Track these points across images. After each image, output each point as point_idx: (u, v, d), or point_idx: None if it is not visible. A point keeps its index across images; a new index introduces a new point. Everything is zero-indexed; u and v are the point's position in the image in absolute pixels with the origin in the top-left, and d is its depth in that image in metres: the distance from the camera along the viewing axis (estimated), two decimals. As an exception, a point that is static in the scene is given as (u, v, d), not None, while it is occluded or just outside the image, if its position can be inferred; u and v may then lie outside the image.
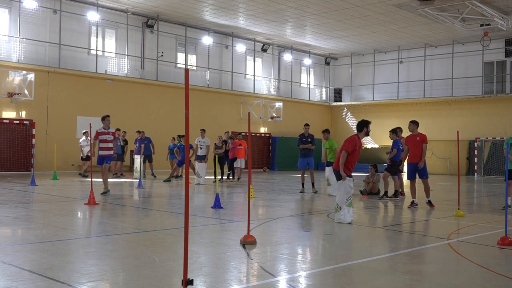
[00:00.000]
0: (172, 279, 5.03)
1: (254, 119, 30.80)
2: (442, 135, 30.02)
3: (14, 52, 22.05)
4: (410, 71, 33.31)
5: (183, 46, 28.06)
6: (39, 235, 7.28)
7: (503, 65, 30.06)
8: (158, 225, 8.65)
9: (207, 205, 11.18)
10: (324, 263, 6.00)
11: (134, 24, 26.07)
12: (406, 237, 8.08)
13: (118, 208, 11.10)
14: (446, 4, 22.75)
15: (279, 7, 24.26)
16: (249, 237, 6.82)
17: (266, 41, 31.80)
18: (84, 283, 4.80)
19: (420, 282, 5.18)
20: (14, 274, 5.06)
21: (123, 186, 16.59)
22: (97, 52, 24.62)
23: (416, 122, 12.12)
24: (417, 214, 10.75)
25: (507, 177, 8.76)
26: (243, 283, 5.03)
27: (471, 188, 19.93)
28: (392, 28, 27.89)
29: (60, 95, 23.18)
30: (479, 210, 12.22)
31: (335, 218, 9.01)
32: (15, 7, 22.17)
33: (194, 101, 27.07)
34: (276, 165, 31.75)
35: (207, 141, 18.15)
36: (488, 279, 5.37)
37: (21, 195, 12.95)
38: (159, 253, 6.16)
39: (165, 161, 22.18)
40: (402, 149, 14.00)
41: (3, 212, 9.51)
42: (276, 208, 11.23)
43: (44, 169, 22.04)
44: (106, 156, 13.07)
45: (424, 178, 11.81)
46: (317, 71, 36.43)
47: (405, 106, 32.82)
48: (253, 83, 31.66)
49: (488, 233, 8.29)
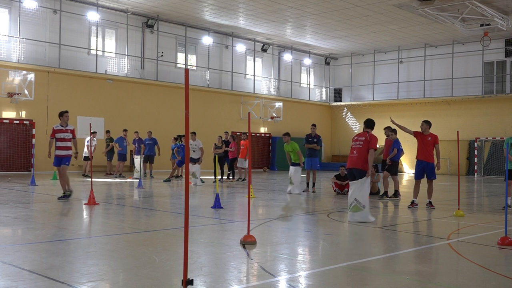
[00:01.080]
0: (172, 279, 5.03)
1: (254, 119, 30.80)
2: (442, 135, 29.77)
3: (14, 52, 22.05)
4: (410, 71, 33.31)
5: (183, 46, 28.06)
6: (39, 235, 7.28)
7: (503, 65, 30.05)
8: (158, 225, 8.65)
9: (207, 205, 11.18)
10: (324, 263, 6.00)
11: (134, 24, 26.07)
12: (406, 237, 8.08)
13: (118, 208, 11.10)
14: (446, 4, 22.75)
15: (279, 7, 24.26)
16: (249, 237, 6.82)
17: (266, 41, 31.80)
18: (84, 283, 4.80)
19: (420, 282, 5.18)
20: (14, 274, 5.06)
21: (123, 186, 16.59)
22: (97, 52, 24.62)
23: (429, 122, 12.05)
24: (417, 214, 10.75)
25: (507, 177, 8.76)
26: (243, 283, 5.02)
27: (471, 188, 19.93)
28: (392, 28, 27.89)
29: (60, 95, 23.18)
30: (479, 210, 12.22)
31: (359, 218, 8.97)
32: (15, 7, 22.17)
33: (194, 101, 27.08)
34: (276, 165, 31.75)
35: (199, 143, 17.80)
36: (488, 279, 5.37)
37: (21, 195, 12.94)
38: (159, 253, 6.16)
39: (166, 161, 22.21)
40: (402, 149, 14.03)
41: (3, 212, 9.51)
42: (276, 208, 11.23)
43: (44, 169, 22.03)
44: (63, 156, 11.81)
45: (432, 179, 11.80)
46: (317, 71, 36.43)
47: (405, 106, 32.83)
48: (253, 83, 31.66)
49: (488, 233, 8.29)
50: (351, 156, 9.36)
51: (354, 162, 9.25)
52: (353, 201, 9.10)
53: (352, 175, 9.26)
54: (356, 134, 9.72)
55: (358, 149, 9.29)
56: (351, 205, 9.15)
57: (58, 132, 11.75)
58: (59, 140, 11.77)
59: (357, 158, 9.21)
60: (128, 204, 11.91)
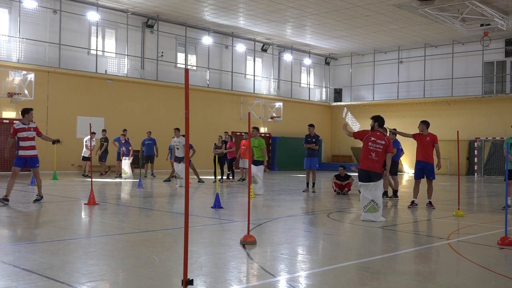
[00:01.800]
0: (172, 279, 5.03)
1: (254, 119, 30.80)
2: (442, 135, 29.86)
3: (14, 52, 22.04)
4: (410, 71, 33.31)
5: (183, 46, 28.06)
6: (39, 235, 7.28)
7: (503, 65, 30.05)
8: (158, 225, 8.65)
9: (207, 205, 11.17)
10: (324, 263, 5.99)
11: (134, 24, 26.07)
12: (406, 237, 8.08)
13: (118, 208, 11.10)
14: (446, 4, 22.75)
15: (279, 7, 24.26)
16: (249, 237, 6.82)
17: (266, 41, 31.80)
18: (84, 283, 4.80)
19: (420, 282, 5.18)
20: (14, 274, 5.06)
21: (123, 186, 16.59)
22: (97, 52, 24.62)
23: (426, 122, 12.06)
24: (417, 214, 10.75)
25: (507, 177, 8.75)
26: (243, 283, 5.02)
27: (471, 188, 19.93)
28: (392, 28, 27.89)
29: (60, 95, 23.18)
30: (479, 210, 12.22)
31: (373, 218, 9.07)
32: (15, 7, 22.17)
33: (194, 101, 27.08)
34: (276, 165, 31.75)
35: (183, 140, 16.72)
36: (488, 279, 5.37)
37: (21, 195, 12.94)
38: (159, 253, 6.16)
39: (165, 161, 22.19)
40: (402, 149, 14.03)
41: (3, 212, 9.51)
42: (276, 208, 11.23)
43: (44, 169, 21.98)
44: (29, 157, 10.94)
45: (431, 179, 11.80)
46: (317, 71, 36.43)
47: (405, 106, 32.83)
48: (253, 83, 31.66)
49: (488, 233, 8.29)
50: (371, 159, 9.32)
51: (374, 165, 9.30)
52: (369, 202, 9.17)
53: (367, 176, 9.29)
54: (372, 134, 9.52)
55: (378, 153, 9.33)
56: (367, 205, 9.20)
57: (20, 131, 10.90)
58: (22, 139, 10.93)
59: (377, 162, 9.30)
60: (128, 204, 11.90)
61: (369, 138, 9.48)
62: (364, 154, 9.41)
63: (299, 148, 14.78)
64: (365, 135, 9.54)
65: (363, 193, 9.31)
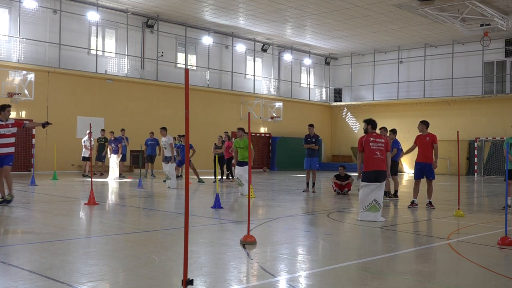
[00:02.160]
0: (172, 279, 5.03)
1: (254, 119, 30.80)
2: (442, 135, 29.89)
3: (14, 52, 22.05)
4: (410, 71, 33.31)
5: (183, 46, 28.06)
6: (39, 235, 7.28)
7: (503, 65, 30.05)
8: (158, 225, 8.65)
9: (207, 205, 11.17)
10: (324, 263, 5.99)
11: (134, 24, 26.07)
12: (406, 237, 8.08)
13: (118, 208, 11.10)
14: (446, 4, 22.75)
15: (279, 7, 24.26)
16: (249, 237, 6.81)
17: (266, 41, 31.80)
18: (84, 283, 4.80)
19: (420, 282, 5.18)
20: (14, 274, 5.06)
21: (123, 186, 16.59)
22: (97, 52, 24.62)
23: (426, 122, 12.06)
24: (417, 214, 10.75)
25: (507, 177, 8.75)
26: (243, 283, 5.02)
27: (471, 188, 19.93)
28: (392, 28, 27.89)
29: (60, 95, 23.18)
30: (479, 210, 12.22)
31: (373, 217, 9.11)
32: (15, 7, 22.17)
33: (194, 101, 27.08)
34: (276, 165, 31.75)
35: (170, 139, 16.40)
36: (488, 279, 5.37)
37: (21, 195, 12.94)
38: (159, 253, 6.16)
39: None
40: (402, 149, 14.03)
41: (3, 212, 9.51)
42: (276, 208, 11.23)
43: (44, 169, 22.04)
44: (5, 155, 10.44)
45: (431, 179, 11.81)
46: (317, 71, 36.43)
47: (405, 106, 32.83)
48: (253, 83, 31.66)
49: (488, 233, 8.29)
50: (376, 158, 9.36)
51: (381, 164, 9.40)
52: (371, 202, 9.21)
53: (374, 177, 9.30)
54: (369, 135, 9.60)
55: (381, 151, 9.44)
56: (369, 205, 9.22)
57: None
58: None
59: (382, 160, 9.42)
60: (128, 204, 11.90)
61: (368, 140, 9.53)
62: (369, 156, 9.43)
63: (299, 148, 14.78)
64: (363, 140, 9.56)
65: (366, 193, 9.32)
